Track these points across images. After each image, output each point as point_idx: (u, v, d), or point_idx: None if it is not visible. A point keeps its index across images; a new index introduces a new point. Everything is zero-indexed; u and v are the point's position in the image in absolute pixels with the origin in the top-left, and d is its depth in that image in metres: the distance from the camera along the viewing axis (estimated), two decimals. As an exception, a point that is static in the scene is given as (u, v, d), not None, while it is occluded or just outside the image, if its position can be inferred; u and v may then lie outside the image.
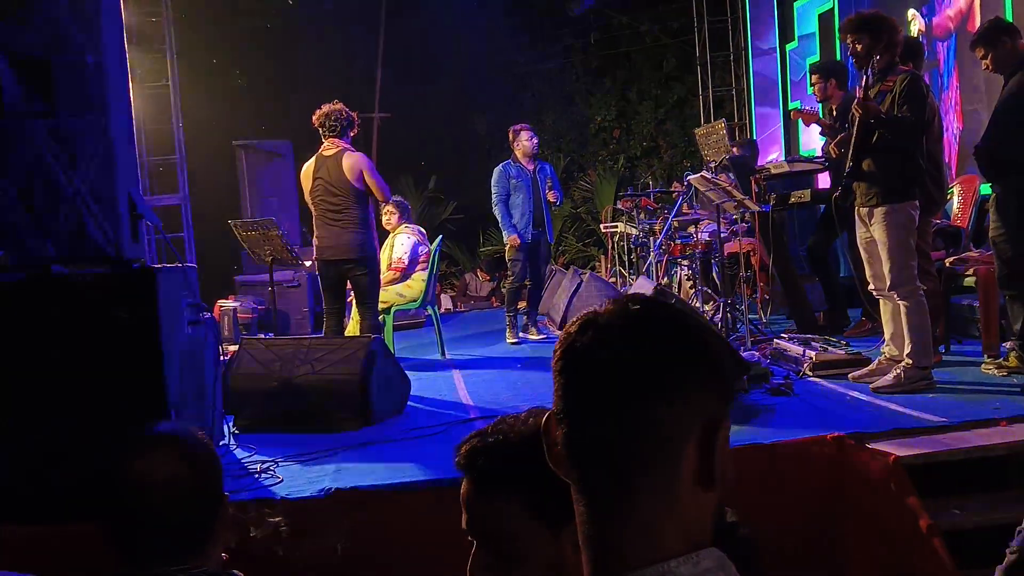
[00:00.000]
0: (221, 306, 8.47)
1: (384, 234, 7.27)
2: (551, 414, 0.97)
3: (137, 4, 9.05)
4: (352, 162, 5.78)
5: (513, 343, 7.23)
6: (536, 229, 7.32)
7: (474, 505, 1.33)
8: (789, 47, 9.91)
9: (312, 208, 5.88)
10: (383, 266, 7.01)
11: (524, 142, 7.32)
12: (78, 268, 3.61)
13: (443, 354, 6.84)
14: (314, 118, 5.85)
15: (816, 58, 8.84)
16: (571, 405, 0.94)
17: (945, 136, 6.08)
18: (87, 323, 3.49)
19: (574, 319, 0.97)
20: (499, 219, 7.33)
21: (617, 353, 0.91)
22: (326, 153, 5.83)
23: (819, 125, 6.09)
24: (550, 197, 7.33)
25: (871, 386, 4.42)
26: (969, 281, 5.23)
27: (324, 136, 5.85)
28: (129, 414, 3.34)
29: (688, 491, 0.90)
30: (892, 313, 4.57)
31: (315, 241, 5.87)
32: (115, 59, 3.81)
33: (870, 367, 4.69)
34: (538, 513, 1.27)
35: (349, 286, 6.00)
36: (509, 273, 7.45)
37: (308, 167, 5.87)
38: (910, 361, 4.36)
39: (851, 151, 4.45)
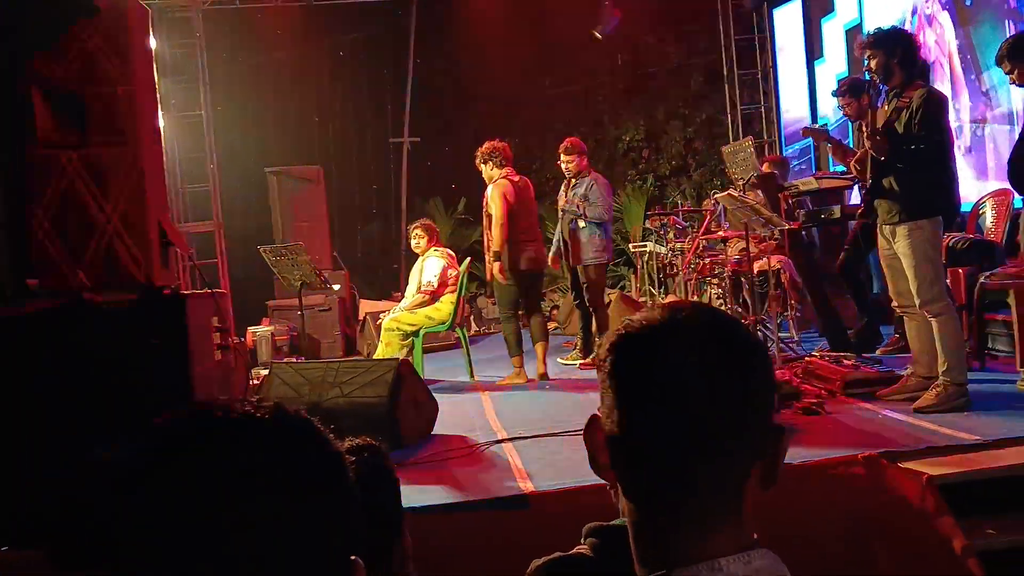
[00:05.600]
0: (253, 333, 8.54)
1: (414, 257, 7.31)
2: (594, 418, 0.97)
3: (170, 34, 9.26)
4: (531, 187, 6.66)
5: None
6: (564, 255, 7.07)
7: None
8: (817, 63, 9.86)
9: (508, 224, 6.31)
10: (412, 289, 7.06)
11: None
12: (109, 295, 3.67)
13: (472, 376, 6.84)
14: (484, 151, 6.53)
15: (845, 74, 8.79)
16: (628, 437, 0.92)
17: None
18: (118, 350, 3.55)
19: (625, 325, 0.96)
20: None
21: (689, 390, 0.89)
22: (515, 179, 6.48)
23: (829, 143, 6.02)
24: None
25: (913, 406, 4.33)
26: (1003, 296, 5.14)
27: (496, 165, 6.47)
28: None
29: (750, 493, 0.92)
30: (917, 330, 4.50)
31: (512, 253, 6.34)
32: (145, 89, 3.90)
33: (898, 385, 4.62)
34: None
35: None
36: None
37: (507, 187, 6.37)
38: (947, 379, 4.28)
39: (870, 168, 4.41)
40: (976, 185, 6.84)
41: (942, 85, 7.03)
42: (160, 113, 5.48)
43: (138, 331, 3.58)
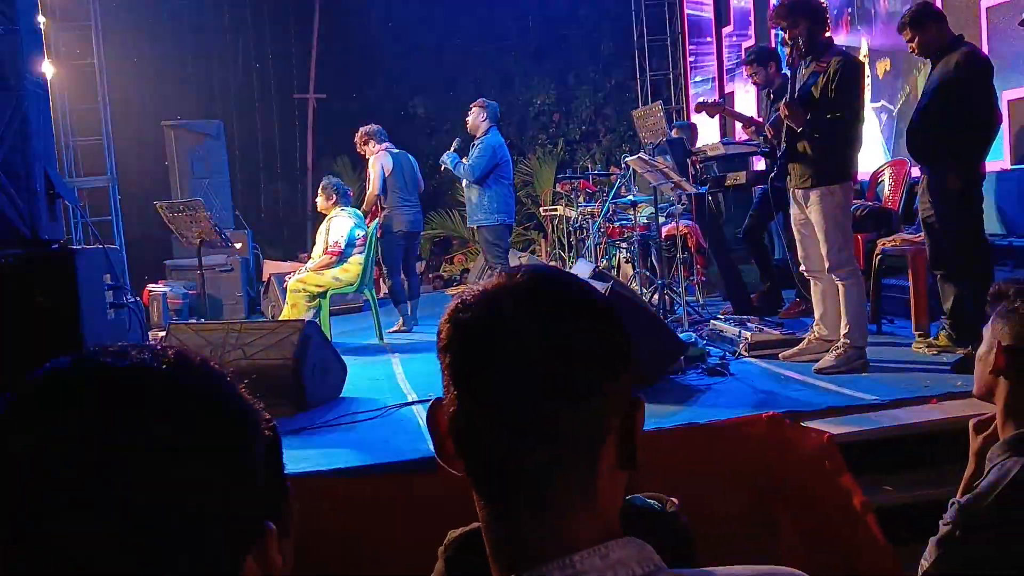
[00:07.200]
0: (150, 291, 8.22)
1: (321, 217, 7.13)
2: (436, 403, 0.86)
3: (58, -24, 8.69)
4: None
5: None
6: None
7: None
8: (725, 30, 9.97)
9: (386, 191, 7.07)
10: (318, 250, 6.89)
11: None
12: (-9, 250, 3.44)
13: (381, 339, 6.74)
14: (360, 138, 7.25)
15: (750, 41, 8.91)
16: (469, 404, 0.82)
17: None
18: (3, 307, 3.34)
19: (458, 297, 0.87)
20: None
21: (531, 344, 0.80)
22: (394, 151, 7.23)
23: (725, 115, 6.12)
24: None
25: (814, 368, 4.45)
26: (900, 262, 5.32)
27: (376, 142, 7.16)
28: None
29: (606, 479, 0.82)
30: (822, 293, 4.62)
31: (397, 216, 7.08)
32: (28, 31, 3.63)
33: (800, 346, 4.74)
34: None
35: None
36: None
37: (385, 158, 7.10)
38: (848, 341, 4.40)
39: (784, 133, 4.47)
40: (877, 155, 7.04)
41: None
42: (47, 60, 5.14)
43: (24, 288, 3.36)
